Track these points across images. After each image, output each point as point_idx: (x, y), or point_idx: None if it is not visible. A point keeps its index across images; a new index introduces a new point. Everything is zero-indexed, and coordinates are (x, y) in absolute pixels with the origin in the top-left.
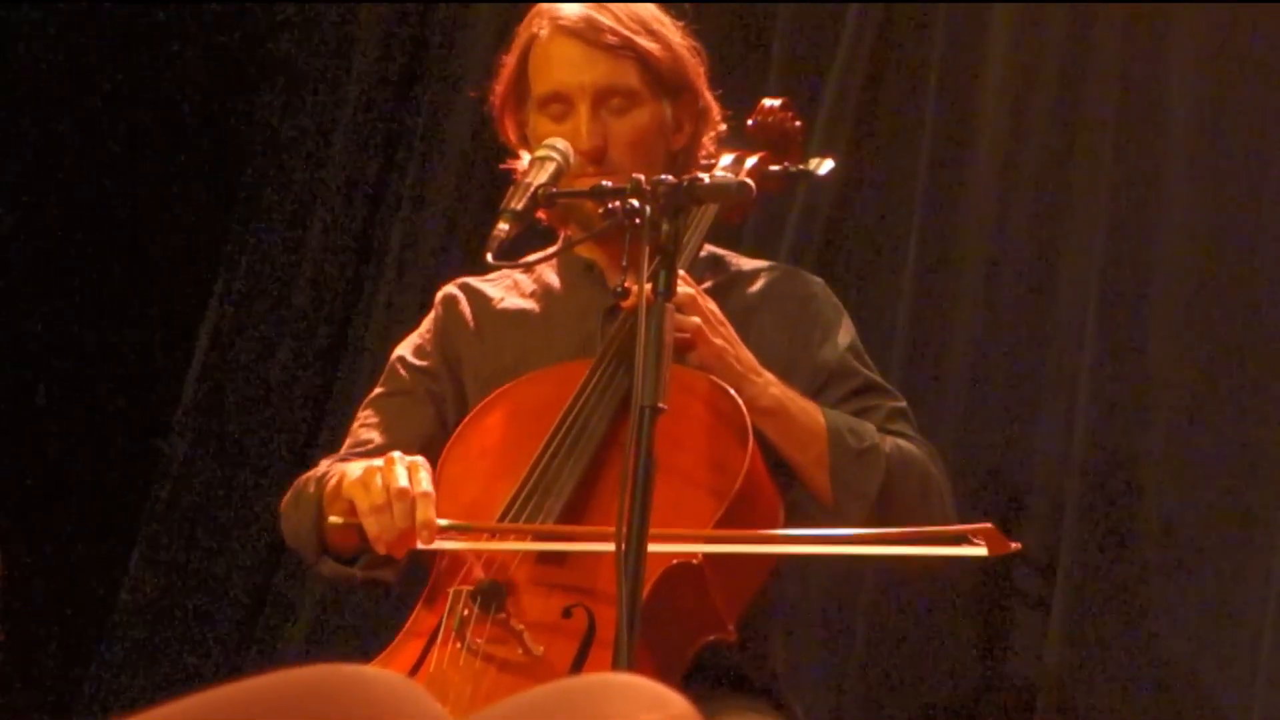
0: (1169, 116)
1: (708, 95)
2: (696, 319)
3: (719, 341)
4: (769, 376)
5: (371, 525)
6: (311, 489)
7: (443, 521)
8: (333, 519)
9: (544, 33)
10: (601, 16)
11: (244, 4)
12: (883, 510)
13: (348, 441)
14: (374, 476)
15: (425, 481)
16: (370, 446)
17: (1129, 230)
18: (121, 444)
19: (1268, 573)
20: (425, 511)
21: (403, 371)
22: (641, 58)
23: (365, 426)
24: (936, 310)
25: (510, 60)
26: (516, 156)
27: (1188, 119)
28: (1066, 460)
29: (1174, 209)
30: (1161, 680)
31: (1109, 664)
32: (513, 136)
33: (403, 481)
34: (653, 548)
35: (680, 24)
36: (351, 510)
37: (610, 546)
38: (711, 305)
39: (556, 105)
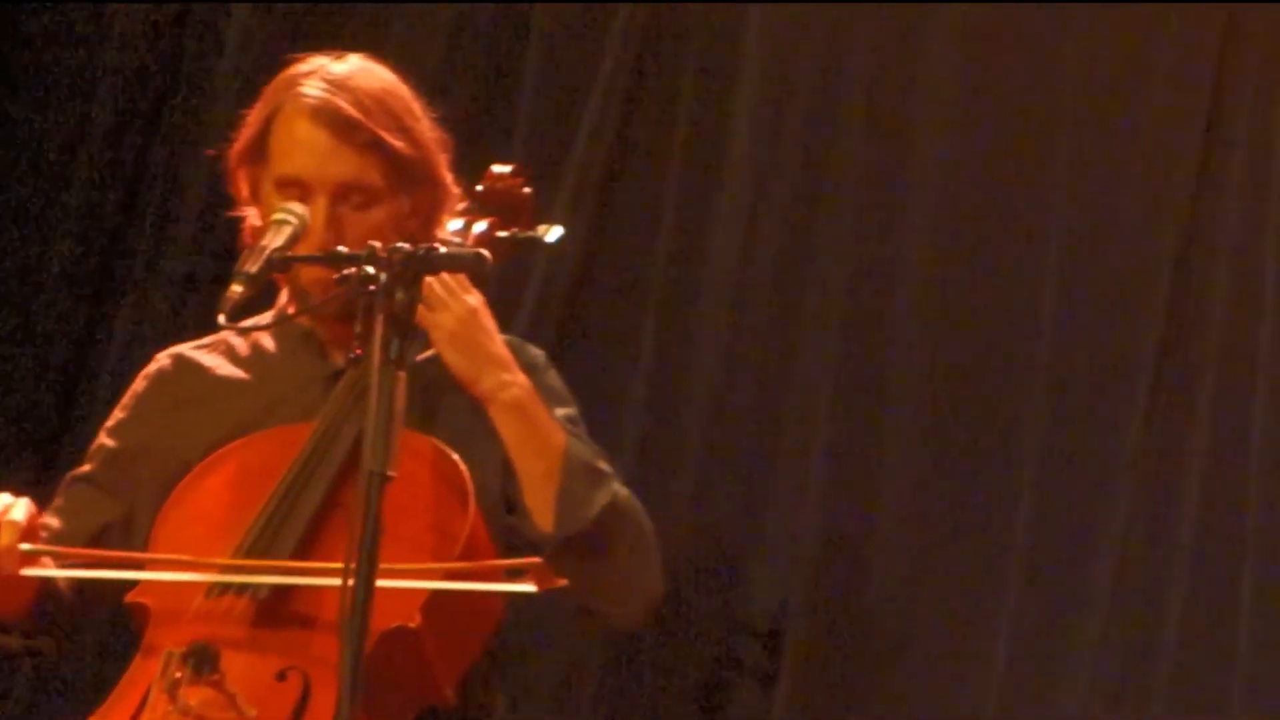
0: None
1: (449, 182)
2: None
3: (461, 310)
4: (521, 378)
5: None
6: None
7: (25, 546)
8: None
9: (290, 107)
10: (351, 108)
11: None
12: (600, 547)
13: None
14: None
15: (14, 512)
16: (49, 534)
17: (865, 311)
18: None
19: (991, 654)
20: (7, 538)
21: (95, 457)
22: (388, 156)
23: (52, 510)
24: (673, 383)
25: (254, 119)
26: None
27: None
28: (797, 537)
29: (911, 283)
30: None
31: None
32: (244, 192)
33: None
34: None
35: (430, 112)
36: None
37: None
38: (476, 299)
39: (294, 189)
